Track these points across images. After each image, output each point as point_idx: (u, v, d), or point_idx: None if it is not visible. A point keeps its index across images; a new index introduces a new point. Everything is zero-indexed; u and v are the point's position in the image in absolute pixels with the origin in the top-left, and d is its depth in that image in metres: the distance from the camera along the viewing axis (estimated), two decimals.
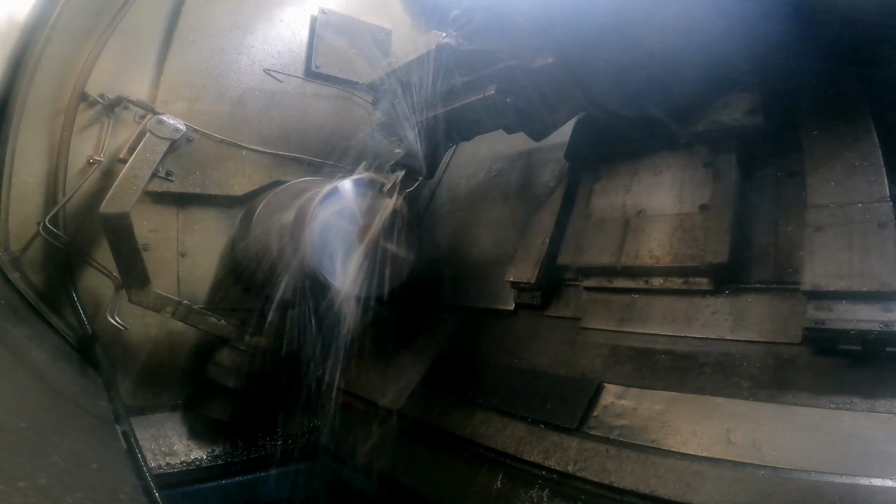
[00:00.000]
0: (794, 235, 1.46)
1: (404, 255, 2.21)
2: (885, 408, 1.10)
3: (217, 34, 2.58)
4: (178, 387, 2.46)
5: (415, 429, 1.99)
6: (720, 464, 1.18)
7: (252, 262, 2.43)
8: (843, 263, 1.23)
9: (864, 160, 1.37)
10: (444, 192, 3.04)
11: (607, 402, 1.50)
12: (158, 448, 2.26)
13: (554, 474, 1.42)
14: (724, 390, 1.34)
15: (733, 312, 1.48)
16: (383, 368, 2.36)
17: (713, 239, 1.53)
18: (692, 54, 1.63)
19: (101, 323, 2.17)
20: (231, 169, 2.58)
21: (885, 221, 1.24)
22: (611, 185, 1.95)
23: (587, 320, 1.80)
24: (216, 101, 2.56)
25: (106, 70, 2.30)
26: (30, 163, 2.14)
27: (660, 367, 1.50)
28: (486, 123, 1.96)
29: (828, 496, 1.00)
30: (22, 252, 2.15)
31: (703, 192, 1.66)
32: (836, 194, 1.36)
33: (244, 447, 2.41)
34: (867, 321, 1.15)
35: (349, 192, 2.09)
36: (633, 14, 1.61)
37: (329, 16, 2.92)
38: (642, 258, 1.66)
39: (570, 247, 1.94)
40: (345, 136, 2.99)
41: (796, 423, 1.17)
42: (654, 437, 1.33)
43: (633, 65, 1.69)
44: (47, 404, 1.50)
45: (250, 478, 2.38)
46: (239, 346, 2.28)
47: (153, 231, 2.41)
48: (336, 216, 2.03)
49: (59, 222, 2.19)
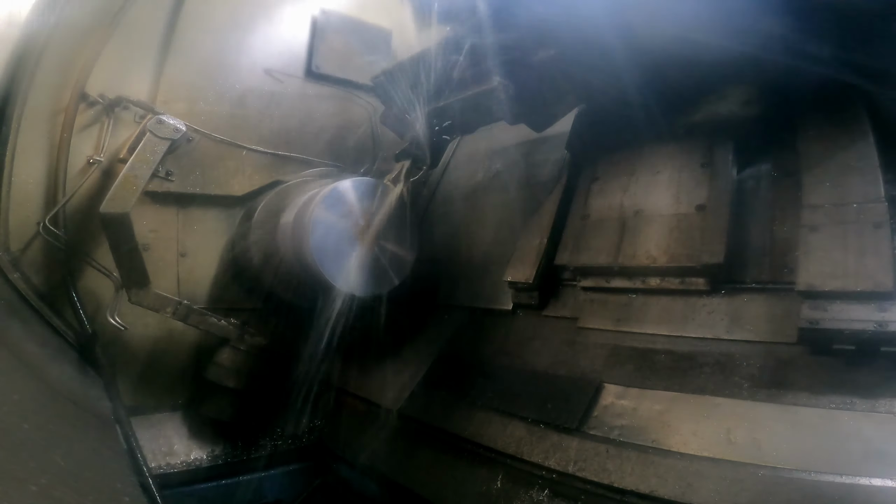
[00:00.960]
0: (790, 235, 1.47)
1: (404, 255, 2.22)
2: (884, 408, 1.11)
3: (217, 34, 2.59)
4: (178, 387, 2.46)
5: (415, 429, 1.99)
6: (720, 464, 1.18)
7: (252, 262, 2.43)
8: (838, 263, 1.24)
9: (860, 161, 1.38)
10: (444, 191, 3.05)
11: (607, 402, 1.51)
12: (158, 448, 2.26)
13: (554, 474, 1.43)
14: (724, 390, 1.34)
15: (729, 312, 1.49)
16: (383, 368, 2.36)
17: (709, 239, 1.54)
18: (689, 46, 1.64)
19: (101, 323, 2.17)
20: (231, 169, 2.58)
21: (880, 222, 1.25)
22: (608, 185, 1.96)
23: (585, 320, 1.81)
24: (216, 101, 2.56)
25: (106, 70, 2.30)
26: (30, 163, 2.14)
27: (659, 367, 1.51)
28: (489, 115, 1.98)
29: (828, 496, 1.01)
30: (22, 252, 2.14)
31: (700, 193, 1.67)
32: (832, 195, 1.37)
33: (244, 447, 2.42)
34: (861, 321, 1.16)
35: (349, 191, 2.09)
36: (631, 7, 1.63)
37: (329, 16, 2.92)
38: (639, 258, 1.67)
39: (567, 247, 1.95)
40: (345, 136, 3.00)
41: (796, 423, 1.17)
42: (654, 437, 1.33)
43: (631, 57, 1.71)
44: (47, 404, 1.50)
45: (250, 478, 2.38)
46: (239, 346, 2.28)
47: (153, 231, 2.41)
48: (336, 216, 2.04)
49: (59, 222, 2.19)
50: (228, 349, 2.28)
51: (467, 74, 1.88)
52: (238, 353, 2.28)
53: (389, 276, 2.17)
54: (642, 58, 1.72)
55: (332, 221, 2.02)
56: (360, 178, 2.21)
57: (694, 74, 1.73)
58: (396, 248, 2.18)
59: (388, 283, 2.16)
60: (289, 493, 2.47)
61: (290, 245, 2.19)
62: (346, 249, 2.05)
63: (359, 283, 2.06)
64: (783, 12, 1.55)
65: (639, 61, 1.73)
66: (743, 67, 1.68)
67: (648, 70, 1.75)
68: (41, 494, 0.93)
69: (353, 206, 2.09)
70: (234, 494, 2.33)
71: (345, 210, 2.06)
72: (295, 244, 2.15)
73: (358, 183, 2.14)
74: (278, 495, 2.44)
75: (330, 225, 2.01)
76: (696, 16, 1.62)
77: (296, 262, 2.19)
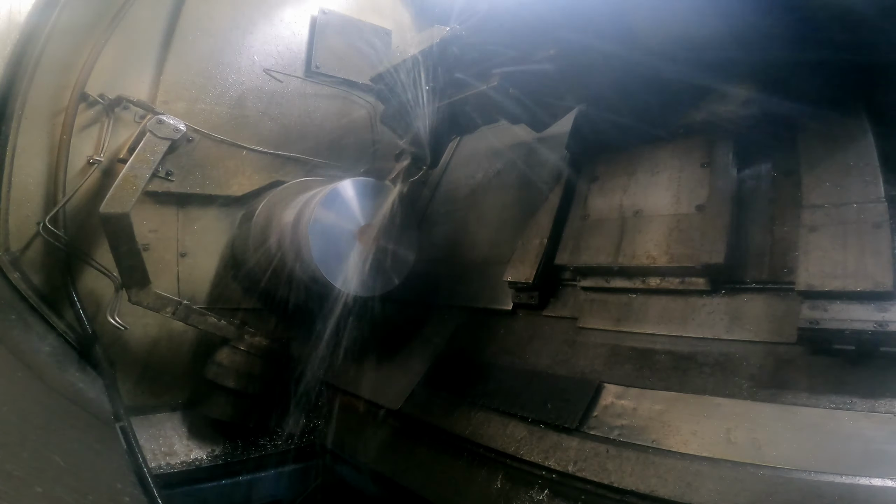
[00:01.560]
0: (790, 235, 1.47)
1: (404, 255, 2.22)
2: (884, 408, 1.10)
3: (217, 34, 2.59)
4: (178, 387, 2.46)
5: (415, 429, 1.99)
6: (720, 464, 1.18)
7: (252, 262, 2.43)
8: (838, 263, 1.24)
9: (860, 160, 1.38)
10: (444, 191, 3.05)
11: (607, 402, 1.51)
12: (158, 448, 2.26)
13: (554, 474, 1.43)
14: (724, 390, 1.34)
15: (729, 312, 1.49)
16: (383, 368, 2.36)
17: (709, 239, 1.54)
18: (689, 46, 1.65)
19: (101, 323, 2.17)
20: (231, 169, 2.58)
21: (880, 222, 1.25)
22: (608, 185, 1.96)
23: (584, 320, 1.81)
24: (216, 101, 2.56)
25: (106, 70, 2.30)
26: (30, 163, 2.15)
27: (659, 367, 1.51)
28: (489, 114, 1.98)
29: (828, 496, 1.01)
30: (22, 252, 2.15)
31: (700, 193, 1.67)
32: (832, 194, 1.37)
33: (244, 447, 2.42)
34: (861, 321, 1.16)
35: (349, 191, 2.09)
36: (631, 7, 1.63)
37: (329, 16, 2.92)
38: (639, 258, 1.67)
39: (567, 247, 1.95)
40: (344, 136, 3.00)
41: (796, 423, 1.17)
42: (654, 437, 1.33)
43: (631, 57, 1.71)
44: (47, 404, 1.50)
45: (250, 478, 2.38)
46: (239, 346, 2.28)
47: (153, 231, 2.41)
48: (336, 216, 2.04)
49: (59, 222, 2.19)
50: (228, 349, 2.28)
51: (467, 74, 1.88)
52: (238, 353, 2.28)
53: (389, 276, 2.17)
54: (642, 58, 1.72)
55: (331, 222, 2.02)
56: (360, 178, 2.21)
57: (694, 74, 1.73)
58: (396, 248, 2.18)
59: (387, 283, 2.16)
60: (288, 493, 2.47)
61: (290, 245, 2.19)
62: (346, 250, 2.05)
63: (358, 283, 2.06)
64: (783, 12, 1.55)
65: (639, 61, 1.74)
66: (743, 67, 1.69)
67: (648, 70, 1.75)
68: (41, 494, 0.93)
69: (353, 206, 2.09)
70: (233, 494, 2.33)
71: (344, 210, 2.06)
72: (295, 244, 2.15)
73: (358, 183, 2.14)
74: (278, 495, 2.44)
75: (330, 225, 2.01)
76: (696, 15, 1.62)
77: (296, 263, 2.19)
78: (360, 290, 2.07)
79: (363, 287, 2.08)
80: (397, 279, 2.19)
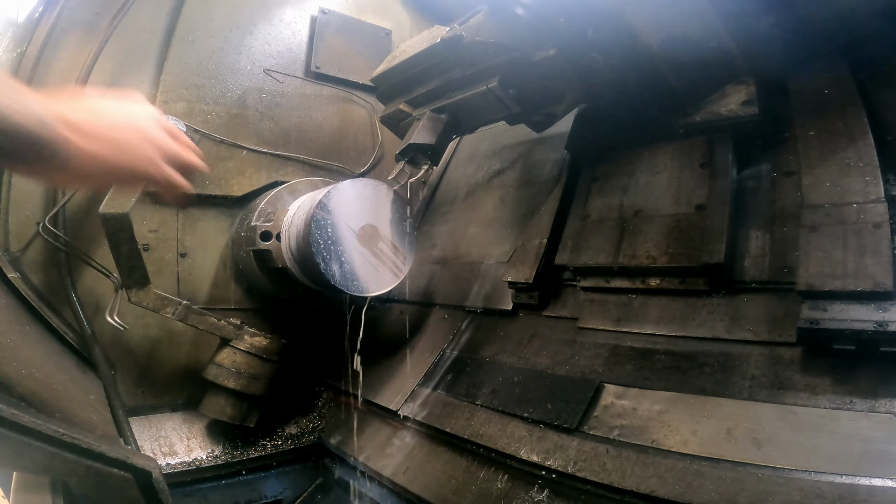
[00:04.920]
0: (790, 235, 1.47)
1: (404, 255, 2.22)
2: (884, 408, 1.10)
3: (217, 34, 2.59)
4: (178, 387, 2.46)
5: (414, 429, 1.99)
6: (720, 464, 1.18)
7: (252, 262, 2.43)
8: (838, 263, 1.24)
9: (860, 160, 1.37)
10: (444, 191, 3.05)
11: (607, 402, 1.51)
12: (158, 448, 2.26)
13: (554, 474, 1.42)
14: (724, 390, 1.34)
15: (729, 312, 1.49)
16: (383, 368, 2.36)
17: (709, 239, 1.54)
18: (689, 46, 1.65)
19: (101, 323, 2.17)
20: (231, 169, 2.58)
21: (880, 222, 1.25)
22: (608, 185, 1.96)
23: (585, 320, 1.81)
24: (216, 102, 2.56)
25: (106, 70, 2.30)
26: None
27: (659, 367, 1.51)
28: (489, 115, 1.98)
29: (828, 496, 1.00)
30: (22, 252, 2.15)
31: (700, 193, 1.67)
32: (832, 194, 1.37)
33: (244, 447, 2.42)
34: (861, 321, 1.15)
35: (349, 192, 2.09)
36: (631, 7, 1.63)
37: (329, 16, 2.93)
38: (639, 258, 1.67)
39: (567, 247, 1.95)
40: (345, 136, 3.00)
41: (796, 423, 1.17)
42: (654, 437, 1.33)
43: (631, 57, 1.71)
44: None
45: (250, 478, 2.38)
46: (239, 347, 2.28)
47: (153, 231, 2.41)
48: (336, 216, 2.04)
49: (59, 222, 2.19)
50: (228, 349, 2.28)
51: (467, 74, 1.88)
52: (238, 354, 2.28)
53: (389, 276, 2.17)
54: (642, 58, 1.73)
55: (331, 222, 2.02)
56: (360, 178, 2.21)
57: (694, 74, 1.74)
58: (396, 248, 2.19)
59: (387, 284, 2.17)
60: (288, 493, 2.48)
61: (290, 245, 2.19)
62: (346, 250, 2.05)
63: (358, 283, 2.07)
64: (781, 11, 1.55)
65: (639, 61, 1.74)
66: (743, 67, 1.69)
67: (648, 69, 1.76)
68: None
69: (353, 206, 2.09)
70: (233, 494, 2.33)
71: (344, 210, 2.06)
72: (294, 244, 2.15)
73: (358, 183, 2.14)
74: (278, 495, 2.44)
75: (329, 225, 2.02)
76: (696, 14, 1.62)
77: (295, 263, 2.20)
78: (359, 290, 2.07)
79: (362, 287, 2.08)
80: (397, 279, 2.19)
